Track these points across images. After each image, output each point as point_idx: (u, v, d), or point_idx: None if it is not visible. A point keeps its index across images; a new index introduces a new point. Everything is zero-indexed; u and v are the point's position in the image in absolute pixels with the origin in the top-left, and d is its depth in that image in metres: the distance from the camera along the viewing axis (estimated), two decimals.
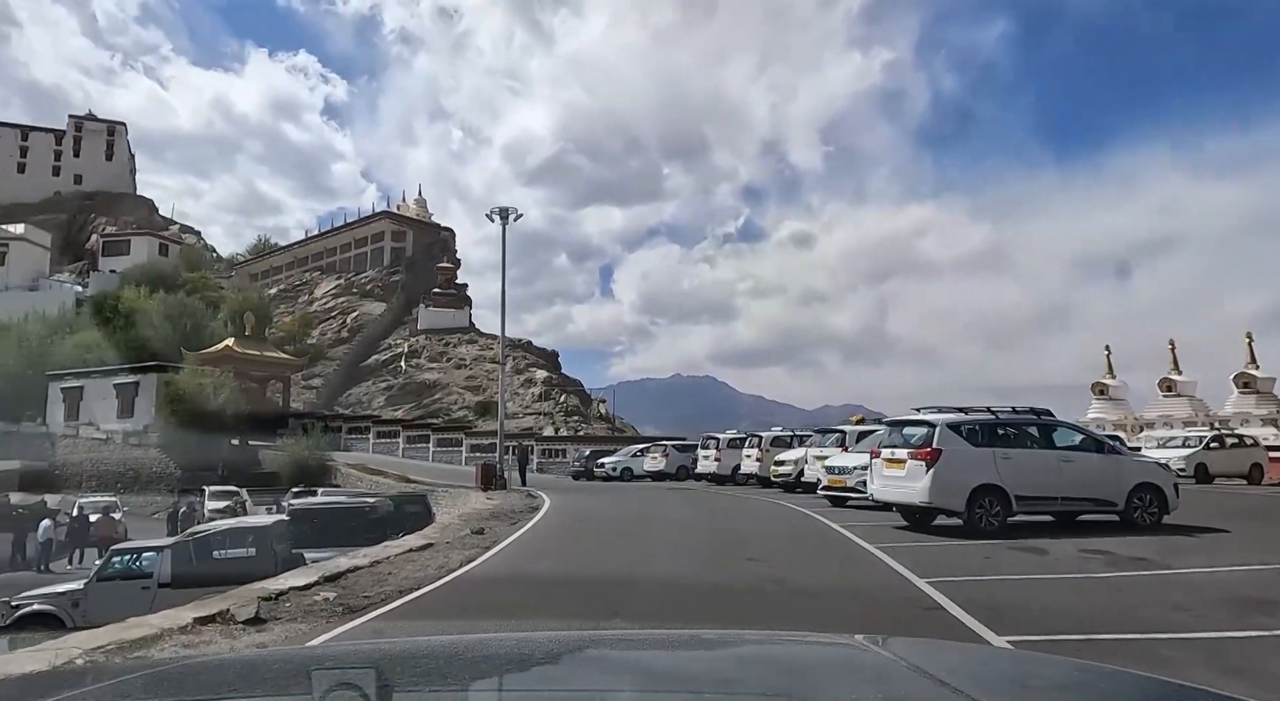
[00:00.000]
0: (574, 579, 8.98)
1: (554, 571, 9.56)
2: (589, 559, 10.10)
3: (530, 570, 9.70)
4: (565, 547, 11.43)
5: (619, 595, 7.73)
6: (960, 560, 9.58)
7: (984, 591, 7.46)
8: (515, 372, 61.17)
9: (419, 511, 20.92)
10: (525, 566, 9.84)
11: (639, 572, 9.11)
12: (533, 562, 10.13)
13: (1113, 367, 38.73)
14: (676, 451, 36.56)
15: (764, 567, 9.23)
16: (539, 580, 9.17)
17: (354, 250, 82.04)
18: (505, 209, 28.37)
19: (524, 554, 10.94)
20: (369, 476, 41.64)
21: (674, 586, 8.06)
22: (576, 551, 10.83)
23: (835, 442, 20.01)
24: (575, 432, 51.29)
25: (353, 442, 53.65)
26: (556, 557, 10.50)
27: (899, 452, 12.26)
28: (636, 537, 12.07)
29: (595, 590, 8.15)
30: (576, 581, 8.80)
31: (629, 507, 18.00)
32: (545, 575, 9.41)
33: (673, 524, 14.04)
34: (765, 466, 25.21)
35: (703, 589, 8.11)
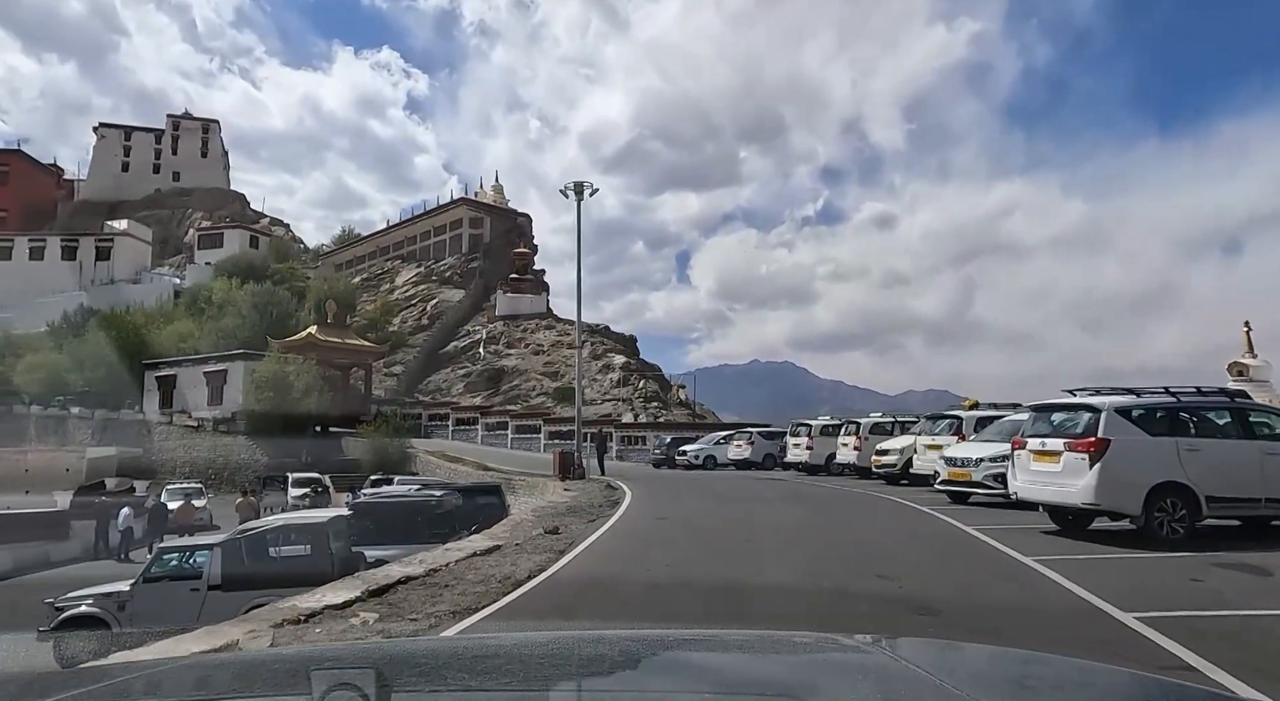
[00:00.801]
0: (664, 600, 7.30)
1: (638, 587, 7.89)
2: (681, 571, 8.39)
3: (611, 585, 8.07)
4: (651, 554, 9.74)
5: (724, 624, 6.03)
6: (1158, 582, 7.50)
7: (1232, 637, 5.44)
8: (593, 358, 60.01)
9: (493, 503, 19.68)
10: (605, 579, 8.21)
11: (745, 592, 7.38)
12: (614, 574, 8.49)
13: (1253, 345, 34.64)
14: (763, 439, 34.58)
15: (901, 588, 7.37)
16: (622, 598, 7.54)
17: (433, 238, 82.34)
18: (580, 183, 26.88)
19: (603, 561, 9.32)
20: (447, 464, 41.14)
21: (792, 617, 6.28)
22: (665, 560, 9.12)
23: (949, 430, 17.77)
24: (655, 419, 49.75)
25: (432, 429, 53.55)
26: (641, 568, 8.83)
27: (1052, 443, 10.13)
28: (735, 542, 10.30)
29: (691, 613, 6.47)
30: (667, 603, 7.13)
31: (719, 502, 16.24)
32: (628, 593, 7.77)
33: (774, 524, 12.21)
34: (864, 456, 23.03)
35: (829, 618, 6.31)
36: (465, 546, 10.50)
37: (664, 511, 14.52)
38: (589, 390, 56.04)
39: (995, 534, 10.48)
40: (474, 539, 11.59)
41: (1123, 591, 6.75)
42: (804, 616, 6.29)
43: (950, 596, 7.03)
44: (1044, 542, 9.82)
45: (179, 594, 11.24)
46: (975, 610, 6.55)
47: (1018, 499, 10.74)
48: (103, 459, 43.18)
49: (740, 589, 7.55)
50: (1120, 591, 6.73)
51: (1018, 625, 6.01)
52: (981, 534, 10.58)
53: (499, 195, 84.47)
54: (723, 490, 20.33)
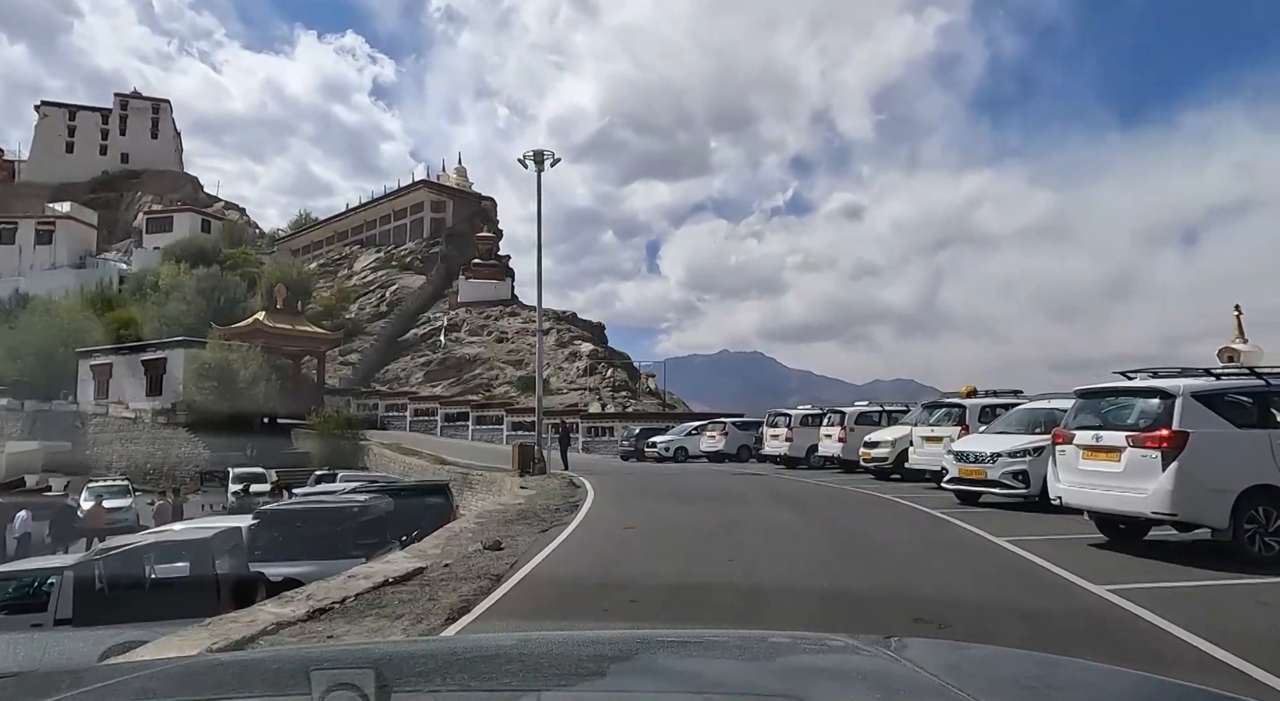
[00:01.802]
0: None
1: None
2: (651, 613, 6.23)
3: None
4: (610, 586, 7.53)
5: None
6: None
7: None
8: (559, 346, 57.70)
9: (439, 504, 17.45)
10: (546, 627, 6.03)
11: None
12: (558, 617, 6.31)
13: (1243, 329, 33.41)
14: (737, 429, 32.59)
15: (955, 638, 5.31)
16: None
17: (393, 222, 79.19)
18: (540, 152, 24.57)
19: (548, 597, 7.14)
20: (402, 457, 38.66)
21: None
22: (628, 595, 6.94)
23: (950, 420, 15.84)
24: (623, 409, 47.64)
25: (389, 421, 50.93)
26: (597, 606, 6.66)
27: (1110, 437, 8.15)
28: (717, 563, 8.18)
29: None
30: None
31: (694, 504, 14.15)
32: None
33: (764, 535, 10.13)
34: (850, 448, 21.13)
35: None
36: (377, 571, 8.28)
37: (629, 517, 12.39)
38: (555, 379, 53.75)
39: (1035, 547, 8.51)
40: (396, 557, 9.38)
41: (1254, 646, 4.77)
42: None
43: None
44: (1105, 561, 7.87)
45: (15, 631, 8.87)
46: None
47: (1061, 504, 8.76)
48: (24, 453, 40.00)
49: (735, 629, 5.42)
50: (1254, 646, 4.75)
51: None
52: (1018, 547, 8.61)
53: (462, 178, 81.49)
54: (697, 488, 18.27)
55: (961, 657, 1.82)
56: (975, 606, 6.28)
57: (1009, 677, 1.59)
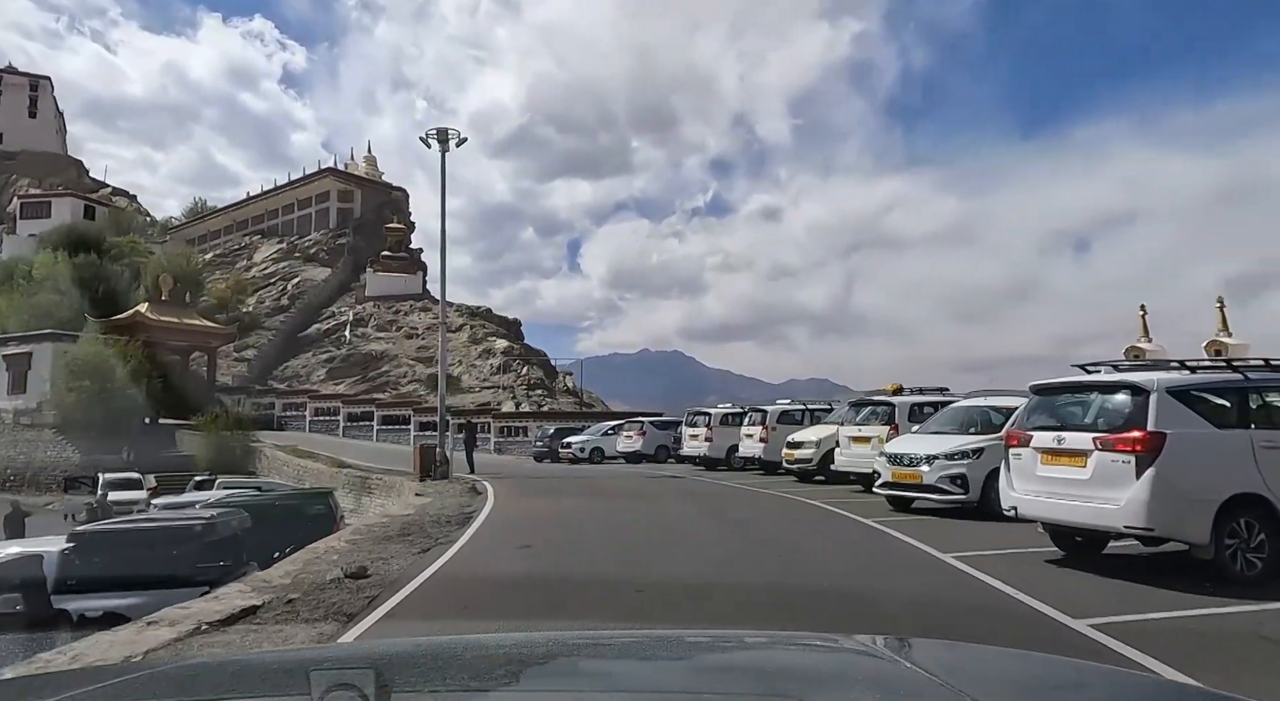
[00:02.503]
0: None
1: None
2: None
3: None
4: (488, 634, 6.05)
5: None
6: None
7: None
8: (472, 342, 55.49)
9: (320, 515, 15.61)
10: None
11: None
12: None
13: (1148, 329, 34.15)
14: (655, 429, 31.33)
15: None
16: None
17: (297, 212, 75.05)
18: (444, 130, 22.71)
19: None
20: (298, 460, 35.97)
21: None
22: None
23: (879, 419, 14.87)
24: (539, 408, 45.87)
25: (287, 420, 47.85)
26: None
27: (1074, 439, 7.10)
28: (626, 601, 6.73)
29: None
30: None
31: (603, 517, 12.72)
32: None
33: (684, 560, 8.74)
34: (772, 448, 20.08)
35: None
36: (194, 613, 6.53)
37: (527, 532, 10.87)
38: (467, 377, 51.57)
39: (988, 566, 7.42)
40: (229, 591, 7.62)
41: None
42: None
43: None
44: (1072, 585, 6.80)
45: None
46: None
47: (1016, 515, 7.68)
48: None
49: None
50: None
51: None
52: (970, 566, 7.49)
53: (372, 167, 77.87)
54: (611, 493, 16.86)
55: (961, 657, 1.80)
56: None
57: (1009, 677, 1.58)
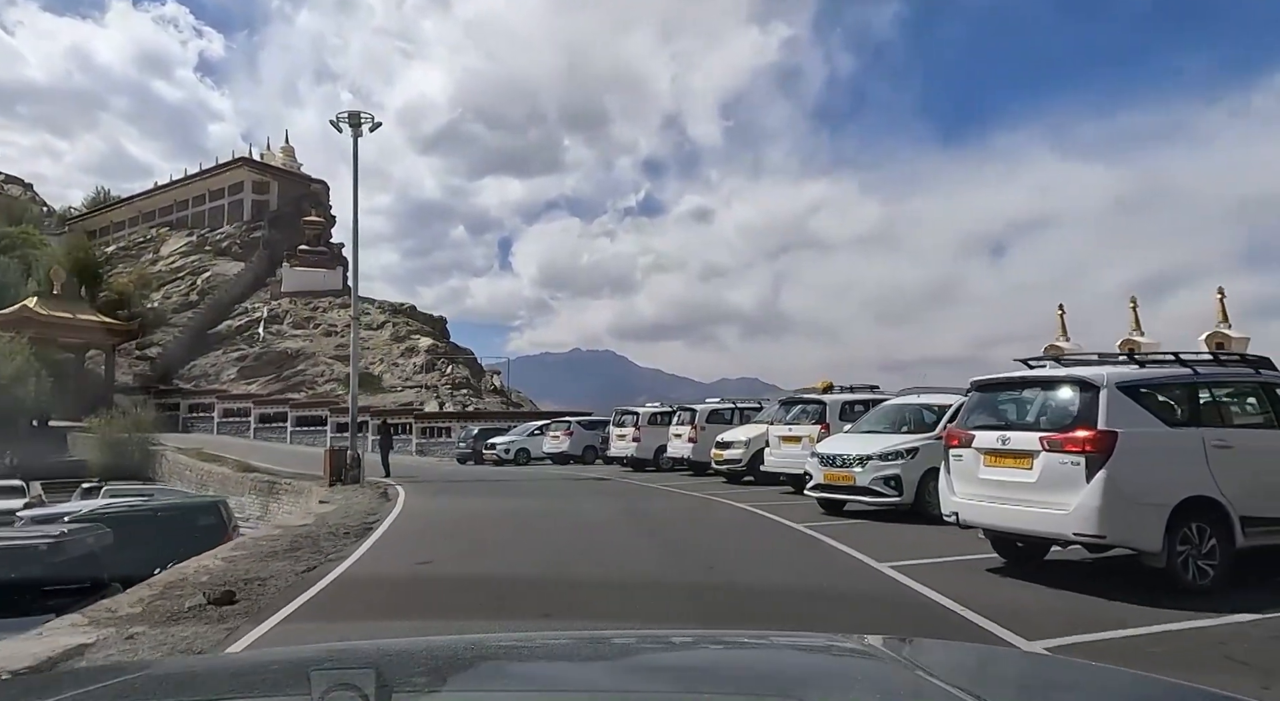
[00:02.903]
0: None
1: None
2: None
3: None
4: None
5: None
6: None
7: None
8: (395, 340, 53.58)
9: (211, 526, 14.27)
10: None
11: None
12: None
13: (1067, 329, 34.92)
14: (582, 429, 30.46)
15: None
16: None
17: (209, 203, 71.35)
18: (356, 114, 21.38)
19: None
20: (202, 464, 33.82)
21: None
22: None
23: (809, 418, 14.36)
24: (463, 408, 44.42)
25: (194, 422, 45.28)
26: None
27: (1020, 439, 6.56)
28: (540, 619, 5.88)
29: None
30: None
31: (519, 524, 11.83)
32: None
33: (606, 571, 7.93)
34: (701, 448, 19.48)
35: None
36: (16, 654, 5.40)
37: (430, 545, 9.91)
38: (389, 376, 49.74)
39: (928, 577, 6.84)
40: (62, 624, 6.48)
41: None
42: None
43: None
44: (1018, 597, 6.25)
45: None
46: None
47: (958, 522, 7.11)
48: None
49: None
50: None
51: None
52: (908, 577, 6.90)
53: (290, 158, 74.63)
54: (528, 497, 15.94)
55: (961, 657, 1.79)
56: None
57: (1009, 677, 1.57)
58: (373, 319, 57.43)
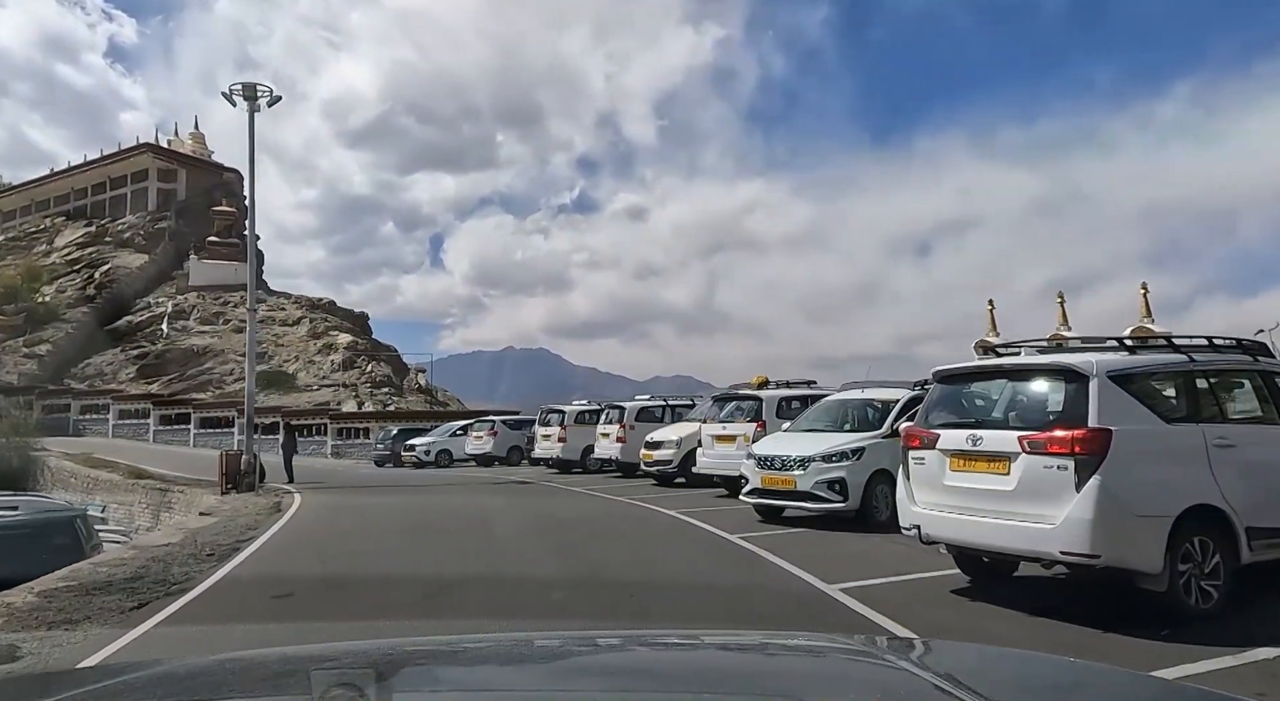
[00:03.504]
0: None
1: None
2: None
3: None
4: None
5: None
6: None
7: None
8: (312, 336, 50.89)
9: (63, 546, 12.41)
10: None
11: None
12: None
13: (996, 324, 34.97)
14: (507, 429, 28.94)
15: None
16: None
17: (110, 191, 66.93)
18: (253, 85, 19.42)
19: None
20: (89, 471, 30.97)
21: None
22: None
23: (744, 415, 13.29)
24: (384, 407, 42.27)
25: (87, 424, 41.96)
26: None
27: (994, 439, 5.51)
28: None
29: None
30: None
31: (421, 534, 10.43)
32: None
33: (504, 600, 6.59)
34: (630, 449, 18.27)
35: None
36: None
37: (306, 566, 8.43)
38: (304, 374, 47.13)
39: (884, 601, 5.77)
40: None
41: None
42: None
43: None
44: (998, 630, 5.19)
45: None
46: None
47: (921, 536, 6.04)
48: None
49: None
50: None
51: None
52: (864, 605, 5.80)
53: (200, 145, 70.54)
54: (436, 505, 14.46)
55: (961, 657, 1.80)
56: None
57: (1009, 678, 1.56)
58: (288, 315, 54.57)
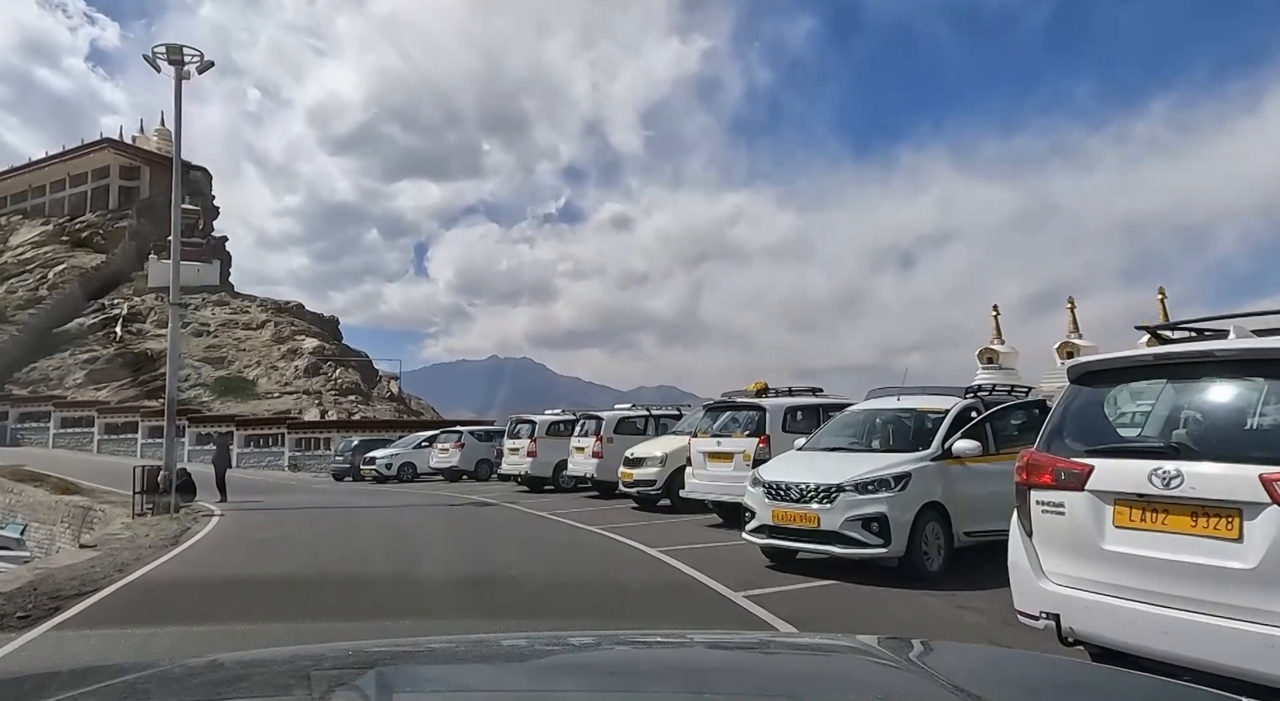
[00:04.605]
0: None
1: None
2: None
3: None
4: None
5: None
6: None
7: None
8: (276, 341, 48.17)
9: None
10: None
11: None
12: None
13: (1001, 330, 32.89)
14: (475, 440, 26.42)
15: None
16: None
17: (69, 189, 63.99)
18: (179, 47, 16.95)
19: None
20: (15, 485, 28.23)
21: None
22: None
23: (743, 428, 10.94)
24: (349, 415, 39.61)
25: (26, 433, 39.05)
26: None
27: (1204, 475, 3.20)
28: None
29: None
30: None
31: (328, 586, 7.97)
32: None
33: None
34: (608, 465, 15.86)
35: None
36: None
37: (143, 637, 5.92)
38: (266, 381, 44.41)
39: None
40: None
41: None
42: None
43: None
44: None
45: None
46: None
47: (1066, 633, 3.68)
48: None
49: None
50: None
51: None
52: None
53: (166, 142, 67.64)
54: (368, 537, 11.97)
55: (961, 657, 1.79)
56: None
57: (1010, 678, 1.53)
58: (252, 317, 51.83)
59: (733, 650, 1.82)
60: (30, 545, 24.38)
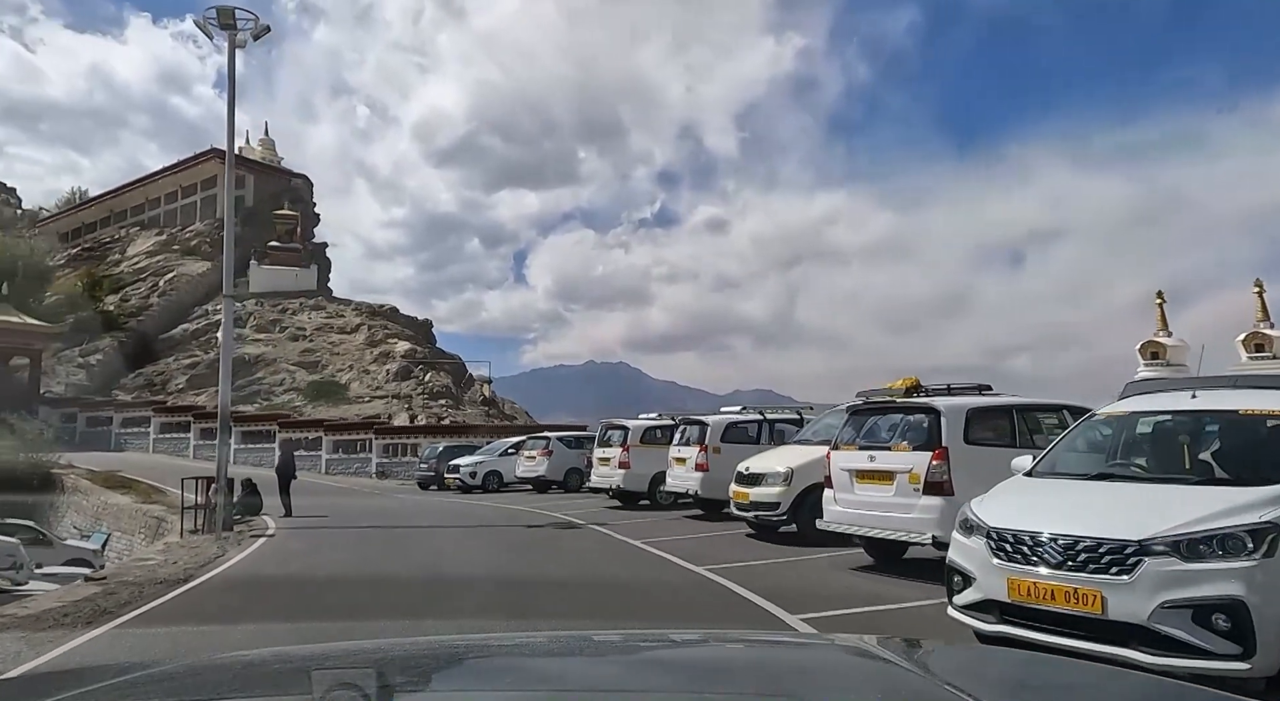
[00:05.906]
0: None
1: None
2: None
3: None
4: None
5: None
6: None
7: None
8: (369, 345, 47.53)
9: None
10: None
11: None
12: None
13: (1167, 321, 28.26)
14: (564, 447, 24.05)
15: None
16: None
17: (180, 200, 66.00)
18: (230, 9, 15.19)
19: None
20: (105, 493, 27.71)
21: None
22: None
23: (911, 438, 7.90)
24: (438, 420, 38.13)
25: (129, 438, 39.23)
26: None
27: None
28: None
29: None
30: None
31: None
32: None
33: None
34: (714, 480, 13.05)
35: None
36: None
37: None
38: (357, 385, 43.64)
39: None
40: None
41: None
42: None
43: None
44: None
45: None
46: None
47: None
48: None
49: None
50: None
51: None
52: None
53: (269, 151, 69.10)
54: (426, 569, 9.53)
55: (961, 658, 1.78)
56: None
57: (1010, 678, 1.55)
58: (346, 321, 51.52)
59: (734, 649, 1.85)
60: (110, 556, 23.61)
